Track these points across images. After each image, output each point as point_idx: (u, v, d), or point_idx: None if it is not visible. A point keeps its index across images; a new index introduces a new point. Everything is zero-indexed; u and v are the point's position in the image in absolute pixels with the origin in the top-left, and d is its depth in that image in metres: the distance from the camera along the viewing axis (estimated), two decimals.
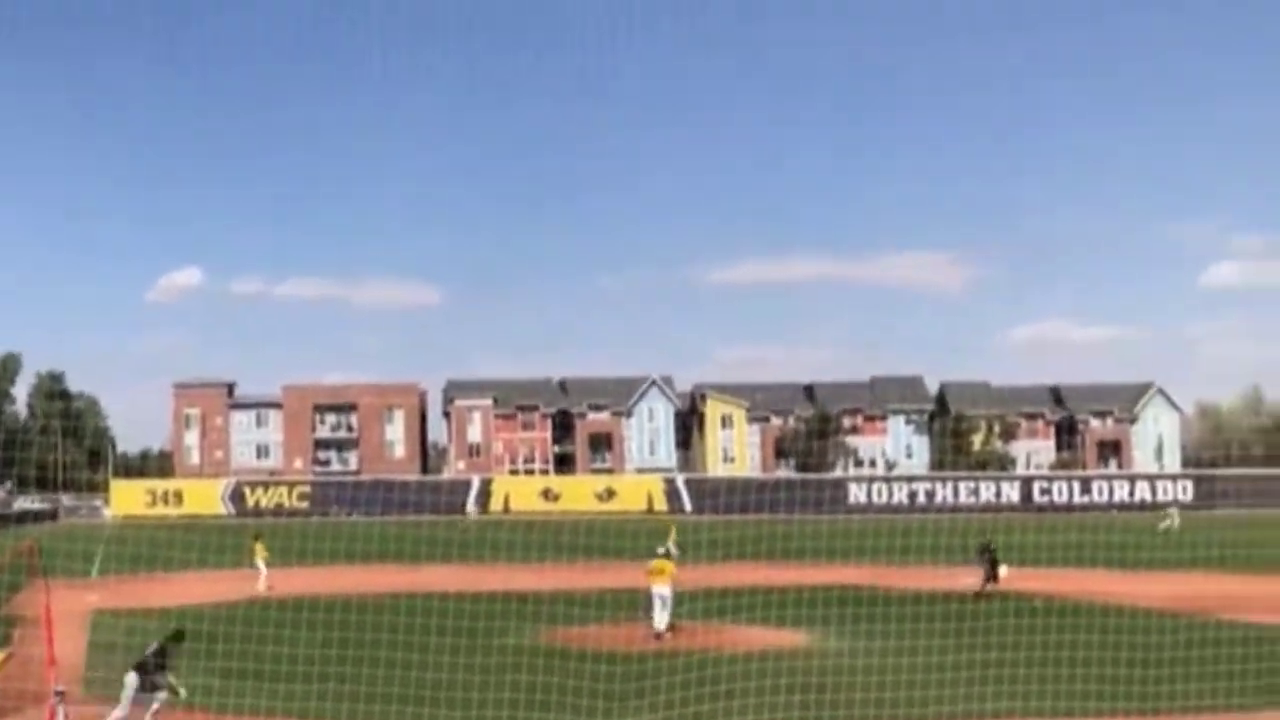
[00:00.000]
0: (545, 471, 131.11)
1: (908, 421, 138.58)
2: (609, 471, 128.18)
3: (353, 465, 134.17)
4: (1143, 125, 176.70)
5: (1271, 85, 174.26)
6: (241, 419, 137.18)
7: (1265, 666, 23.57)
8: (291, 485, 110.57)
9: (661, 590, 29.53)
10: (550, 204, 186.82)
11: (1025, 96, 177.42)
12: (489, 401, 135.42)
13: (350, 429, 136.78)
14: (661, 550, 31.93)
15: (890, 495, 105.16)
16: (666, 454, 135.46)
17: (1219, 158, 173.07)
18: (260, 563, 41.01)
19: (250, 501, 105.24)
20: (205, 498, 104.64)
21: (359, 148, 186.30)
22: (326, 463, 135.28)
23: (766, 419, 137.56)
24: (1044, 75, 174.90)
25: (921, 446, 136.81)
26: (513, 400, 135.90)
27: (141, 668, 19.22)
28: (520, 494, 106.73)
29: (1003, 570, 38.94)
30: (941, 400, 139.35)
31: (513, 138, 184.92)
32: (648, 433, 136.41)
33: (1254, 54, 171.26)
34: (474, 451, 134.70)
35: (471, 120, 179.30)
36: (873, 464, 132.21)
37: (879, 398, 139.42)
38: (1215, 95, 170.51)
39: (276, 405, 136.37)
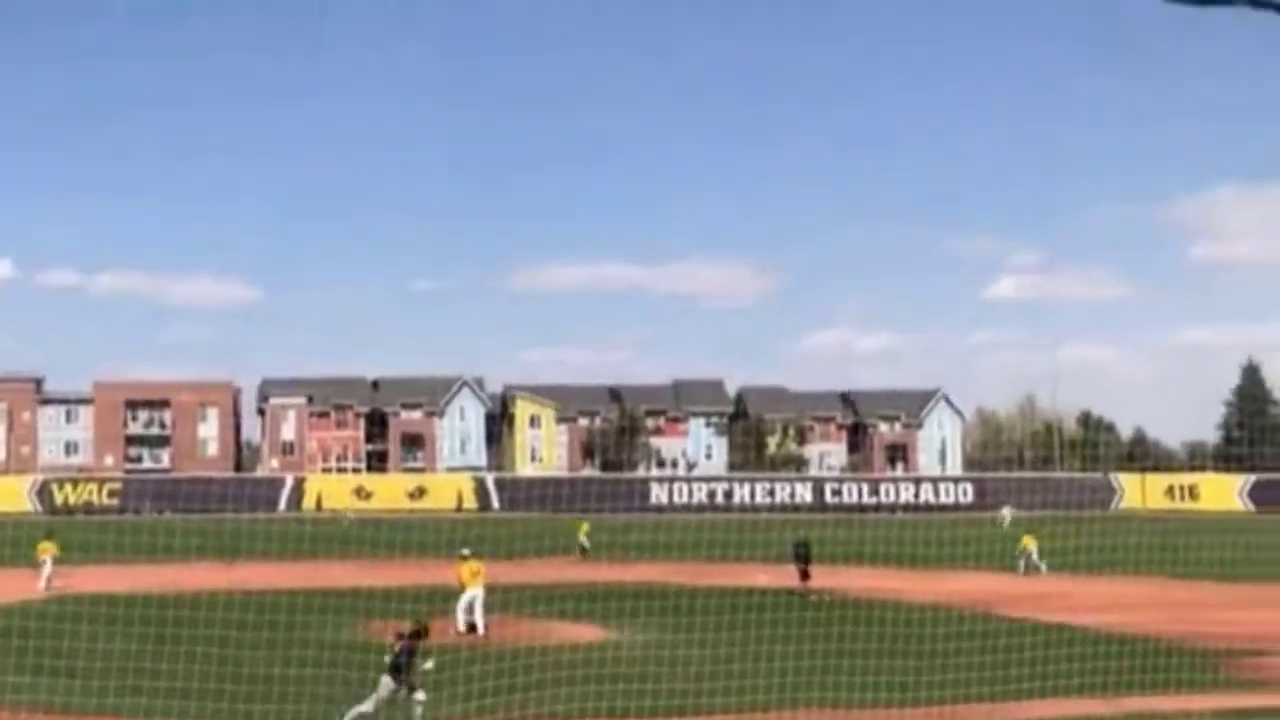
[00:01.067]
0: (358, 470, 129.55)
1: (708, 424, 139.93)
2: (420, 470, 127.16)
3: (165, 463, 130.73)
4: (931, 144, 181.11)
5: (1048, 111, 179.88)
6: (50, 414, 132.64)
7: (1036, 656, 24.43)
8: (101, 482, 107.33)
9: (474, 591, 29.49)
10: (364, 205, 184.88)
11: (823, 111, 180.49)
12: (303, 400, 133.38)
13: (163, 426, 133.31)
14: (466, 551, 31.65)
15: (690, 495, 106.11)
16: (477, 453, 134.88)
17: (1000, 177, 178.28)
18: (46, 560, 39.38)
19: (59, 499, 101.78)
20: (10, 494, 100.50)
21: (177, 141, 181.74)
22: (138, 460, 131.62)
23: (574, 419, 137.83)
24: (838, 90, 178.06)
25: (721, 448, 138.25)
26: (327, 399, 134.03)
27: (395, 669, 18.71)
28: (332, 492, 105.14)
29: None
30: (740, 403, 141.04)
31: (327, 136, 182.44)
32: (459, 432, 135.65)
33: (1029, 81, 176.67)
34: (287, 450, 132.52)
35: (284, 119, 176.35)
36: (674, 464, 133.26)
37: (681, 400, 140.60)
38: (998, 119, 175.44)
39: (87, 401, 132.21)
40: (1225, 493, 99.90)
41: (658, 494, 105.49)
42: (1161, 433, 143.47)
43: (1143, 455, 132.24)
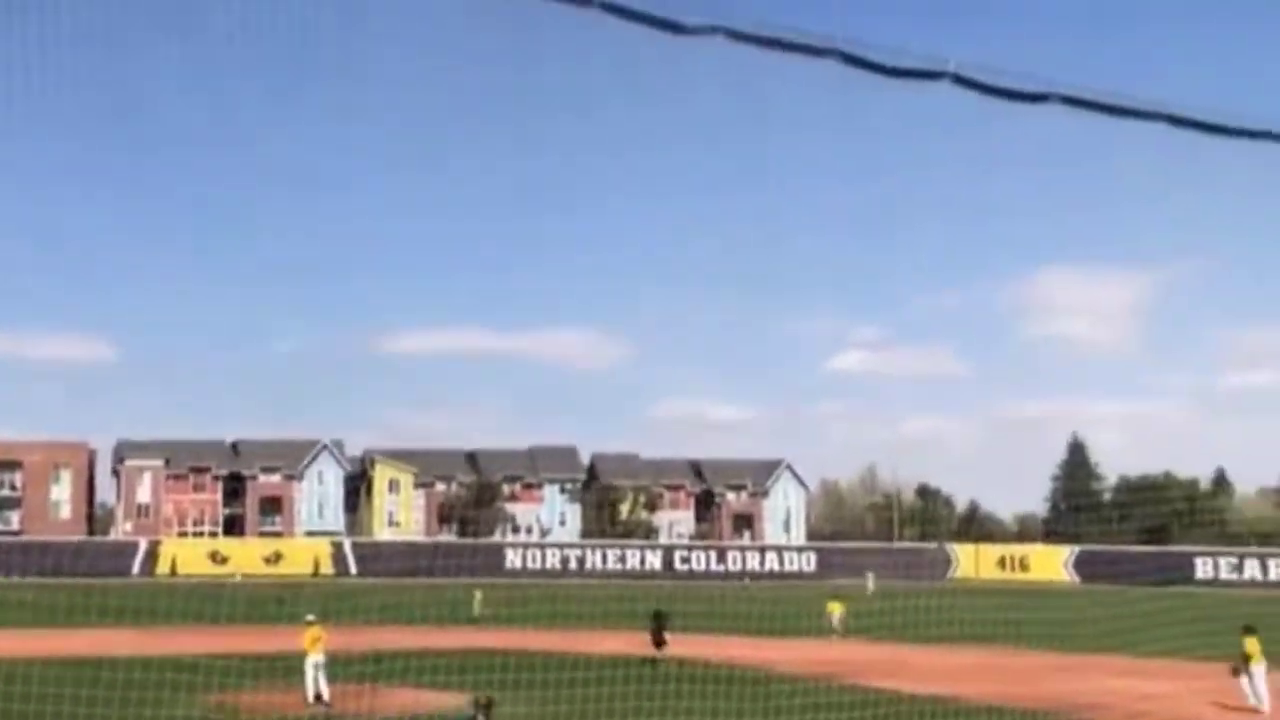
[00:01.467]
0: (214, 534, 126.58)
1: (562, 490, 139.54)
2: (278, 534, 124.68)
3: (15, 525, 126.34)
4: (780, 222, 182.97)
5: (889, 194, 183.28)
6: None
7: None
8: None
9: (316, 658, 28.89)
10: (227, 264, 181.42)
11: (678, 186, 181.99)
12: (160, 462, 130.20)
13: (14, 488, 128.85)
14: (310, 618, 30.96)
15: (544, 560, 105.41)
16: (335, 517, 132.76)
17: (845, 255, 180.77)
18: None
19: None
20: None
21: (33, 195, 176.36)
22: None
23: (431, 484, 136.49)
24: (692, 166, 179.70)
25: (574, 514, 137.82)
26: (184, 461, 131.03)
27: None
28: (187, 557, 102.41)
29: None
30: (593, 470, 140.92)
31: (187, 192, 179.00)
32: (317, 496, 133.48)
33: (873, 166, 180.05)
34: (143, 513, 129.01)
35: (143, 178, 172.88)
36: (529, 530, 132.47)
37: (536, 466, 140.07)
38: (843, 202, 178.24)
39: None
40: (1053, 564, 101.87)
41: (512, 559, 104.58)
42: (994, 505, 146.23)
43: (977, 526, 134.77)
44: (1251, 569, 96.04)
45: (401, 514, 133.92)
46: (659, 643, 38.86)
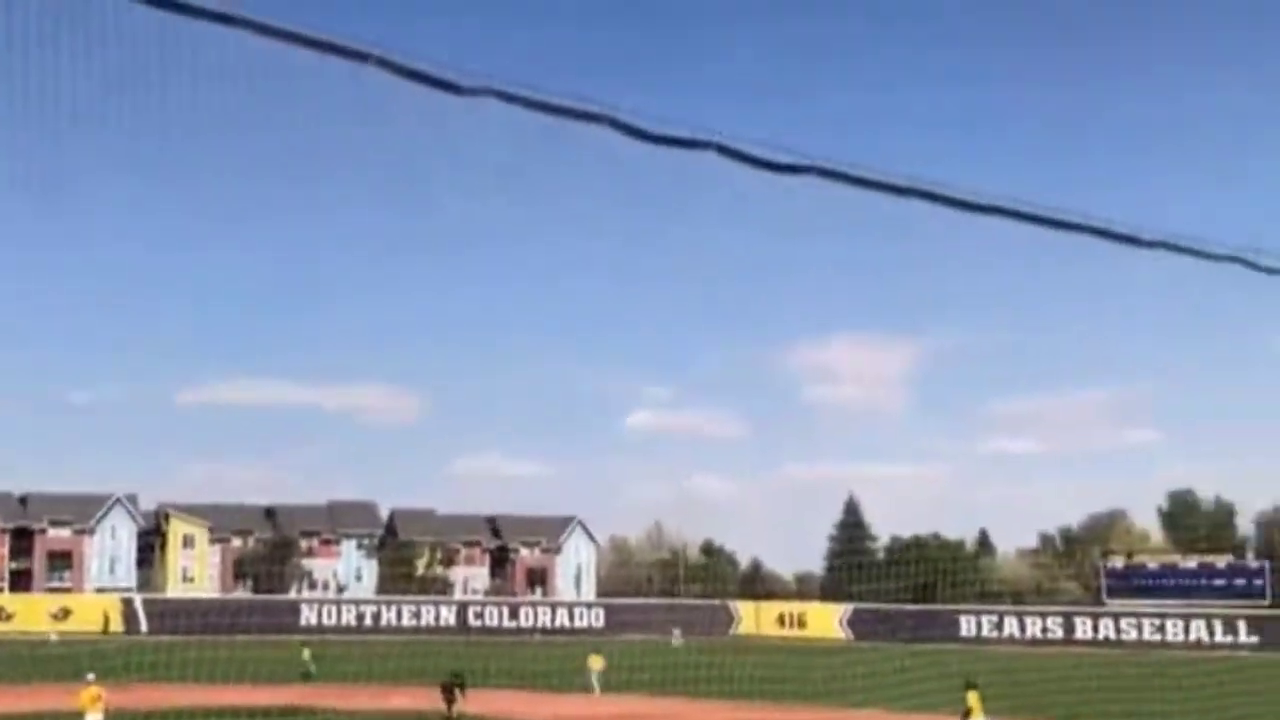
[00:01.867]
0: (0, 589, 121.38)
1: (359, 545, 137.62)
2: (68, 590, 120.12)
3: None
4: (571, 282, 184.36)
5: (679, 256, 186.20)
6: None
7: None
8: None
9: (94, 717, 28.36)
10: (21, 311, 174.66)
11: (465, 243, 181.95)
12: None
13: None
14: (91, 677, 30.34)
15: (340, 616, 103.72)
16: (127, 573, 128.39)
17: (638, 317, 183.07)
18: None
19: None
20: None
21: None
22: None
23: (227, 539, 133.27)
24: (481, 225, 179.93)
25: (371, 570, 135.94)
26: None
27: None
28: None
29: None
30: (391, 526, 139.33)
31: None
32: (109, 551, 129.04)
33: (664, 233, 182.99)
34: None
35: None
36: (326, 586, 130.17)
37: (334, 521, 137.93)
38: (633, 265, 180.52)
39: None
40: (828, 621, 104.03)
41: (308, 615, 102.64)
42: (776, 563, 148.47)
43: (759, 584, 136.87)
44: (1010, 626, 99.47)
45: (196, 569, 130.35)
46: (450, 701, 39.02)
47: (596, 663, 49.76)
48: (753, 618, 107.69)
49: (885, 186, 12.73)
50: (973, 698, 31.09)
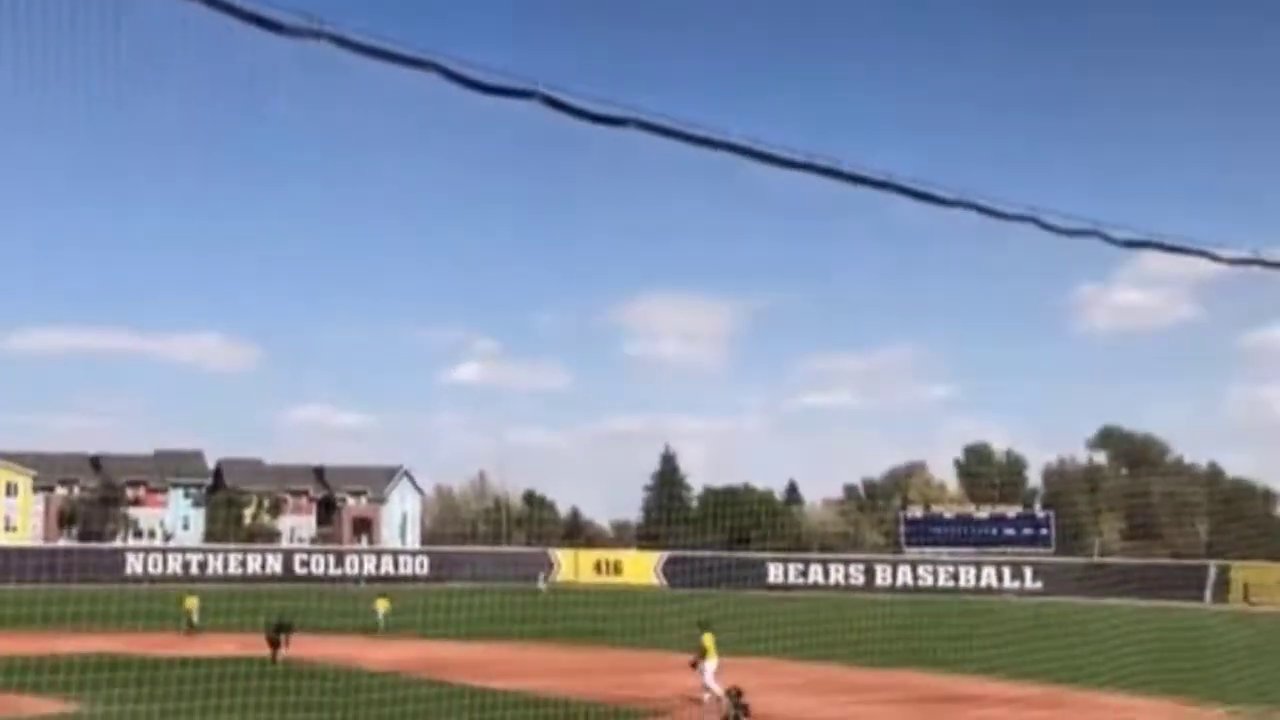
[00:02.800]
0: None
1: (186, 494, 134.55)
2: None
3: None
4: (404, 238, 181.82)
5: (506, 213, 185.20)
6: None
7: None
8: None
9: None
10: None
11: (306, 206, 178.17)
12: None
13: None
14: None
15: (166, 565, 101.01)
16: None
17: (470, 271, 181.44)
18: None
19: None
20: None
21: None
22: None
23: (52, 488, 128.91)
24: (316, 183, 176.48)
25: (198, 519, 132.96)
26: None
27: None
28: None
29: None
30: (219, 475, 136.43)
31: None
32: None
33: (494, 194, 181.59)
34: None
35: None
36: (152, 534, 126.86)
37: (162, 471, 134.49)
38: (468, 219, 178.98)
39: None
40: (644, 568, 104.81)
41: (133, 564, 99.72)
42: (595, 512, 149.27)
43: (578, 532, 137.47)
44: (815, 574, 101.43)
45: (19, 518, 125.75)
46: (275, 646, 38.38)
47: (383, 604, 51.28)
48: (572, 564, 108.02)
49: (700, 140, 12.55)
50: (707, 639, 31.66)
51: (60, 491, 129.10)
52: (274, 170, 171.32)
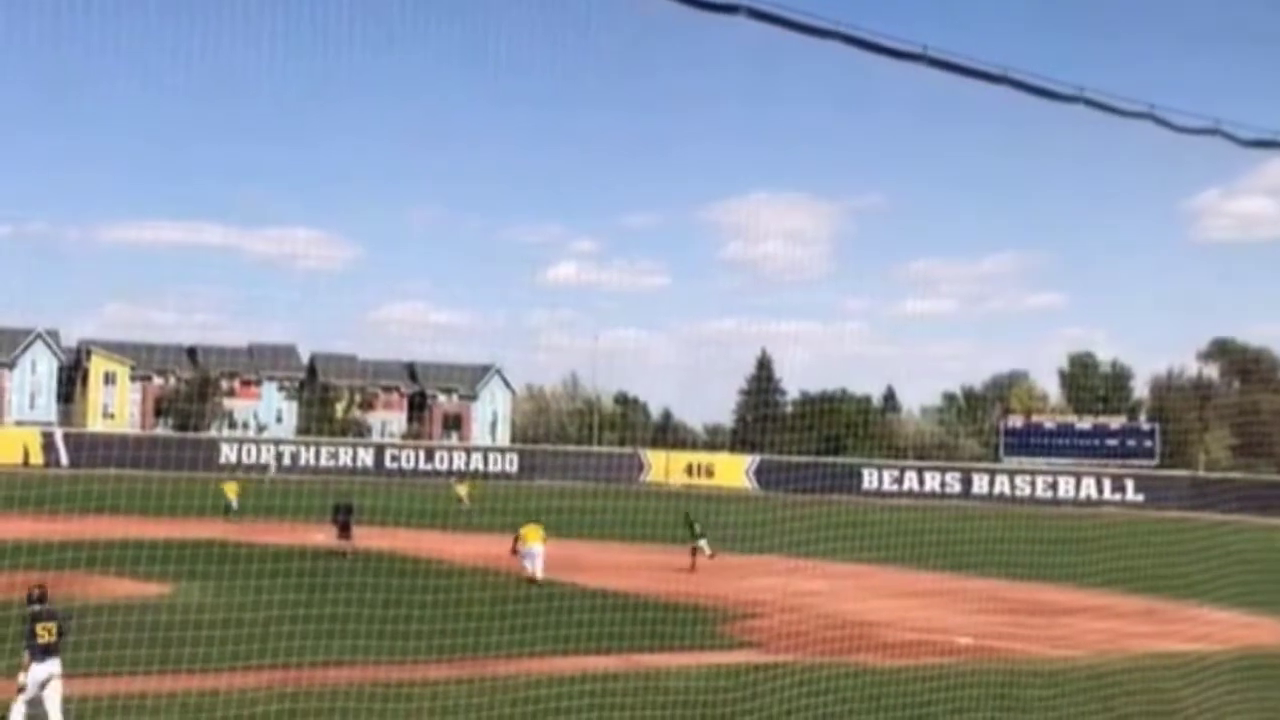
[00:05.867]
0: None
1: (280, 388, 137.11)
2: None
3: None
4: (504, 132, 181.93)
5: (609, 110, 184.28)
6: None
7: (551, 614, 25.39)
8: None
9: None
10: None
11: (405, 106, 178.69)
12: None
13: None
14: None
15: (260, 455, 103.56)
16: (48, 407, 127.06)
17: (564, 169, 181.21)
18: None
19: None
20: None
21: None
22: None
23: (149, 378, 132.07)
24: (416, 85, 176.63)
25: (291, 412, 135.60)
26: None
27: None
28: None
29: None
30: (312, 369, 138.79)
31: None
32: (29, 385, 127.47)
33: (599, 93, 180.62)
34: None
35: None
36: (246, 426, 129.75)
37: (256, 364, 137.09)
38: (562, 119, 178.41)
39: None
40: (736, 471, 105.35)
41: (227, 454, 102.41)
42: (687, 415, 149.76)
43: (670, 434, 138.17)
44: (910, 480, 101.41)
45: (117, 406, 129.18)
46: (342, 531, 39.60)
47: (463, 490, 55.53)
48: (662, 466, 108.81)
49: (810, 29, 12.19)
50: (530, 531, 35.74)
51: (156, 381, 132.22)
52: (378, 71, 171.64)
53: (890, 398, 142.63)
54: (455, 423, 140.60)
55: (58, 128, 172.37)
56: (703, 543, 40.98)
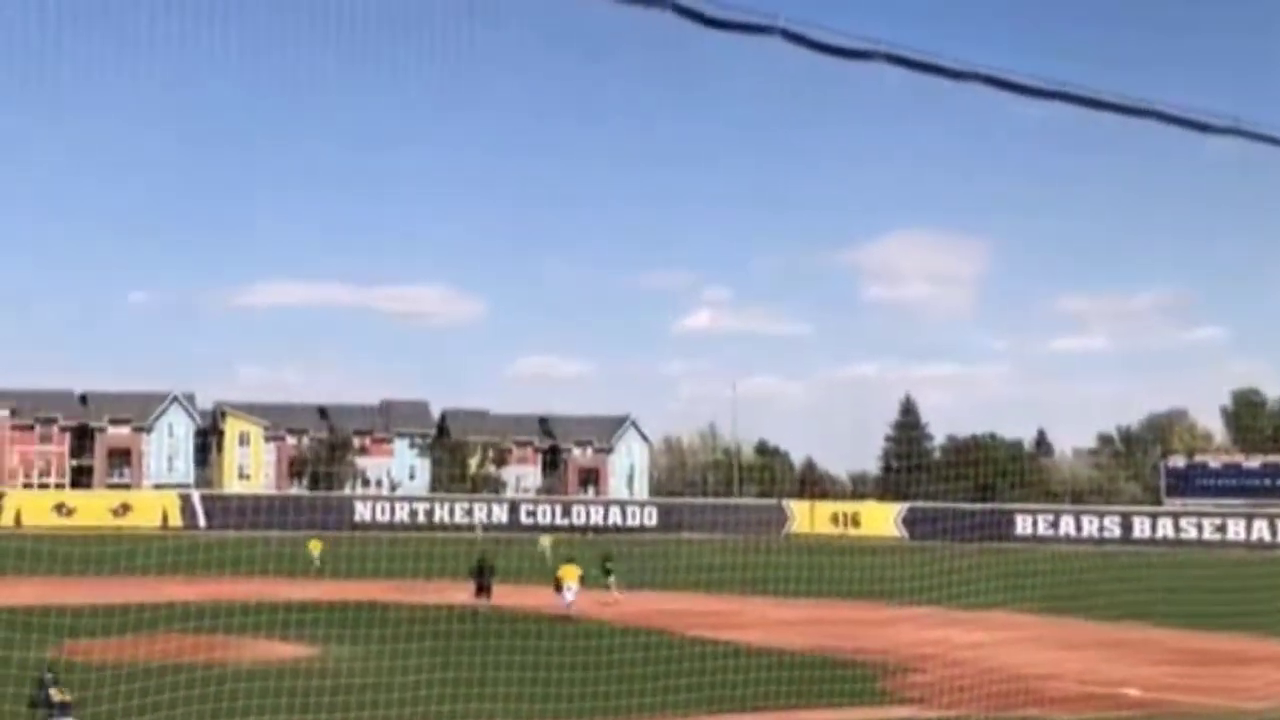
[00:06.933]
0: (61, 485, 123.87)
1: (412, 445, 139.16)
2: (127, 486, 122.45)
3: None
4: (630, 182, 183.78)
5: (745, 156, 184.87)
6: None
7: (703, 668, 25.43)
8: None
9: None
10: (80, 212, 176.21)
11: (526, 149, 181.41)
12: (6, 412, 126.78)
13: None
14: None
15: (394, 513, 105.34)
16: (185, 470, 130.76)
17: (696, 216, 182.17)
18: None
19: None
20: None
21: None
22: None
23: (282, 438, 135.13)
24: (546, 130, 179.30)
25: (424, 468, 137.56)
26: (30, 412, 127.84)
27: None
28: (32, 508, 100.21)
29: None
30: (443, 425, 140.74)
31: (48, 143, 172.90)
32: (167, 448, 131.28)
33: (723, 133, 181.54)
34: None
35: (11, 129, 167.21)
36: (379, 483, 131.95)
37: (388, 421, 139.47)
38: (697, 161, 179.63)
39: None
40: (884, 520, 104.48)
41: (362, 512, 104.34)
42: (830, 463, 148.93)
43: (813, 483, 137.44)
44: (1067, 525, 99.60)
45: (252, 467, 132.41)
46: (481, 590, 40.13)
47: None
48: (806, 517, 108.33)
49: (946, 71, 12.38)
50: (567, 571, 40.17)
51: (290, 441, 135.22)
52: (496, 122, 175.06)
53: (1042, 440, 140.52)
54: (591, 477, 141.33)
55: (190, 195, 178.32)
56: (612, 579, 45.32)
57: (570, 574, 40.68)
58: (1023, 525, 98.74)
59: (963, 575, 44.32)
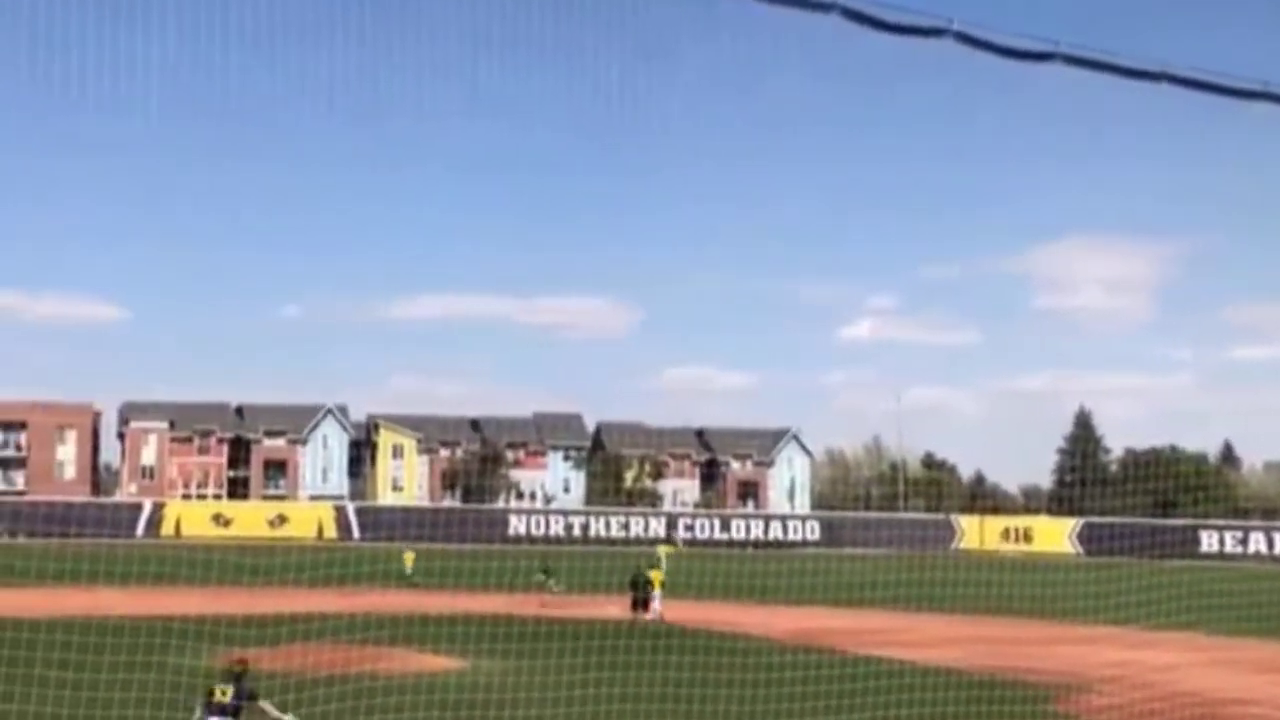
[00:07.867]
0: (219, 496, 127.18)
1: (566, 457, 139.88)
2: (282, 498, 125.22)
3: (20, 485, 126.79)
4: (788, 191, 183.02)
5: (910, 160, 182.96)
6: None
7: (868, 689, 24.74)
8: None
9: None
10: (234, 229, 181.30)
11: (692, 159, 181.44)
12: (165, 424, 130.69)
13: (19, 448, 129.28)
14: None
15: (548, 527, 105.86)
16: (339, 481, 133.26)
17: (862, 221, 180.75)
18: None
19: None
20: None
21: (44, 155, 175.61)
22: None
23: (435, 450, 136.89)
24: (706, 139, 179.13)
25: (578, 481, 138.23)
26: (189, 424, 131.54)
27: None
28: (191, 519, 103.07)
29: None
30: (598, 438, 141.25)
31: (191, 159, 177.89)
32: (321, 460, 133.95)
33: (890, 132, 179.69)
34: (147, 474, 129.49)
35: (150, 136, 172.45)
36: (533, 496, 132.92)
37: (541, 433, 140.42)
38: (859, 167, 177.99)
39: None
40: (1057, 535, 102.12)
41: (516, 525, 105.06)
42: (1000, 476, 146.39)
43: (982, 497, 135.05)
44: (1257, 543, 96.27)
45: (405, 479, 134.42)
46: (638, 604, 39.90)
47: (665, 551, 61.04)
48: (976, 532, 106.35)
49: (1135, 73, 11.74)
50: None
51: (443, 453, 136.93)
52: (653, 132, 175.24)
53: (1228, 452, 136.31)
54: (751, 490, 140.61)
55: (339, 208, 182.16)
56: (551, 581, 46.98)
57: (654, 579, 42.36)
58: (1208, 542, 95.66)
59: (1144, 594, 42.94)
